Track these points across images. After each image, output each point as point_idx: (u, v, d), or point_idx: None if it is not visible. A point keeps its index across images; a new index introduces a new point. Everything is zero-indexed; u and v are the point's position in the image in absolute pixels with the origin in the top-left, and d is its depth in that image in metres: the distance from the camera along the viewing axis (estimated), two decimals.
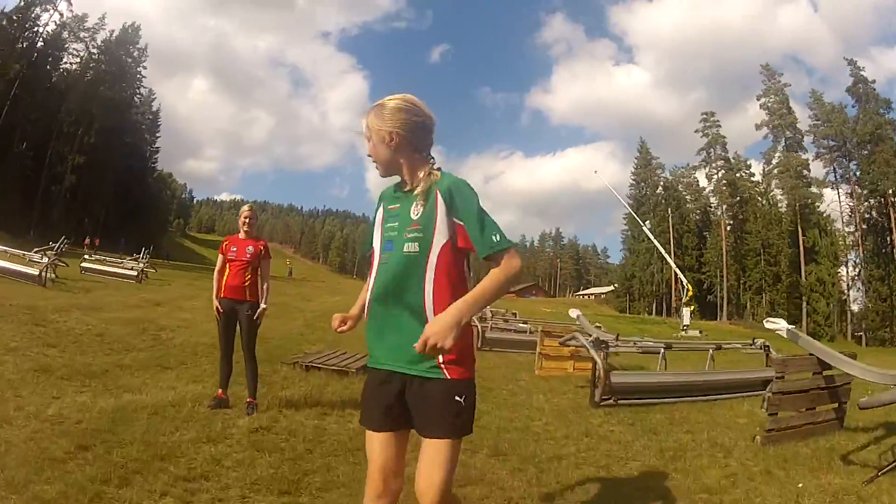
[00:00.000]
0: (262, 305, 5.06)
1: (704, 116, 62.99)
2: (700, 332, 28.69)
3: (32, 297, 10.97)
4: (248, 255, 5.09)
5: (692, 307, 33.59)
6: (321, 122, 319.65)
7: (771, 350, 9.44)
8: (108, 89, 53.90)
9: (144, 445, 3.75)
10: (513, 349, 11.62)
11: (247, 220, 5.17)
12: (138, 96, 62.51)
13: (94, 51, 54.85)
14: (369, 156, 2.05)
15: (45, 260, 14.75)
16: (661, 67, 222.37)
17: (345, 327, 2.19)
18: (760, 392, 7.57)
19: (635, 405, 6.82)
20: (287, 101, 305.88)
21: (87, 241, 39.98)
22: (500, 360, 10.49)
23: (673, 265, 44.19)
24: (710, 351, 9.55)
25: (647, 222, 53.38)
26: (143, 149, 65.30)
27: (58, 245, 17.35)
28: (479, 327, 11.71)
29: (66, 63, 53.73)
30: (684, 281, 36.19)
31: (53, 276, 15.43)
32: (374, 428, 1.97)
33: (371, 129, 2.02)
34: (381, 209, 2.10)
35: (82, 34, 53.88)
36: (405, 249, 1.91)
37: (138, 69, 59.88)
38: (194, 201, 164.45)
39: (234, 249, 5.11)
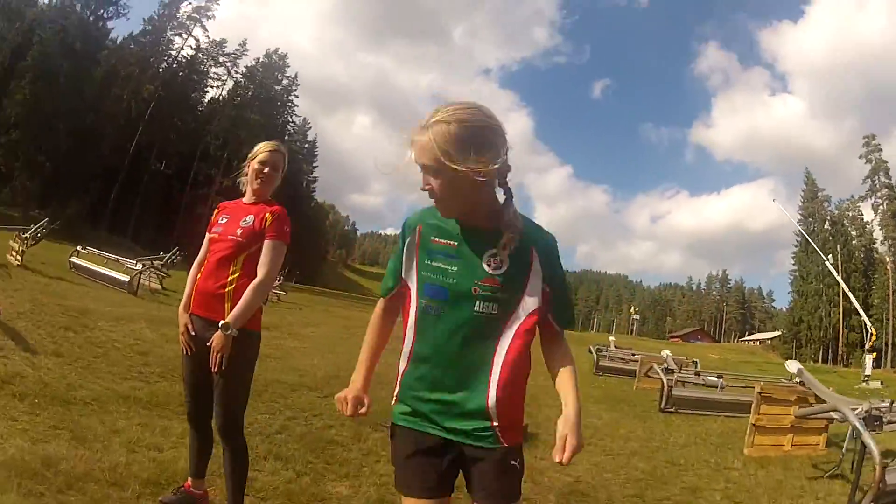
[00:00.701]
0: (223, 321, 2.58)
1: (866, 140, 62.07)
2: (881, 383, 26.39)
3: (102, 302, 10.29)
4: (240, 233, 2.72)
5: (874, 355, 31.80)
6: None
7: None
8: (256, 114, 58.90)
9: None
10: (700, 411, 9.65)
11: (263, 169, 2.80)
12: (291, 125, 67.92)
13: (238, 76, 60.82)
14: (425, 189, 1.57)
15: (140, 267, 14.40)
16: (815, 95, 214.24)
17: (363, 410, 1.72)
18: None
19: None
20: None
21: None
22: (690, 427, 8.33)
23: (857, 304, 41.06)
24: None
25: (830, 256, 48.59)
26: (299, 177, 70.02)
27: (168, 256, 17.41)
28: (665, 380, 9.84)
29: (208, 87, 60.31)
30: (868, 324, 34.24)
31: (159, 286, 15.31)
32: (418, 495, 1.67)
33: (441, 156, 1.48)
34: (415, 237, 1.69)
35: (222, 58, 60.09)
36: (476, 308, 1.61)
37: (289, 98, 65.25)
38: (358, 234, 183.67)
39: (224, 221, 2.82)
